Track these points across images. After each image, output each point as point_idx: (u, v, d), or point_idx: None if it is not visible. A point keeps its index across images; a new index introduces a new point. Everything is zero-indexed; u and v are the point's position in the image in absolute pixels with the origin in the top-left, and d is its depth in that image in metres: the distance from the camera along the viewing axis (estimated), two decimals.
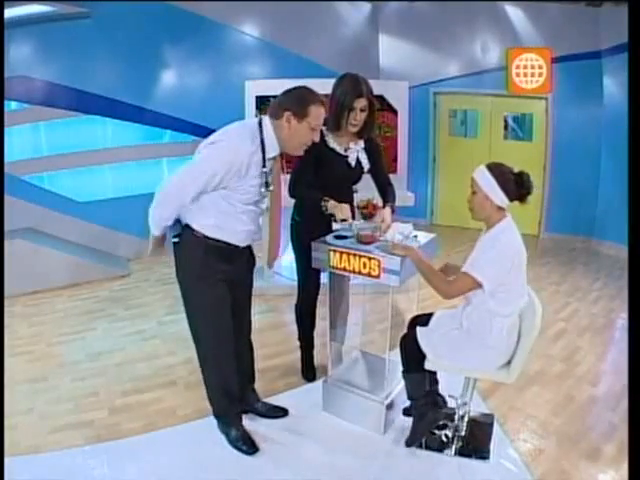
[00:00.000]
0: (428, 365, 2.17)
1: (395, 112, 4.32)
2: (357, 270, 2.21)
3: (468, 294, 2.12)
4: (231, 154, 1.93)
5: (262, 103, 4.06)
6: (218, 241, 2.08)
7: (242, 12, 5.59)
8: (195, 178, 1.95)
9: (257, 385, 2.73)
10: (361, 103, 2.36)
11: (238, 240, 2.14)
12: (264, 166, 2.01)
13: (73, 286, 4.47)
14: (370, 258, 2.15)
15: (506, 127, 6.22)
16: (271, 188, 2.07)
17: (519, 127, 6.21)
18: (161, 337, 3.53)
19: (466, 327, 2.12)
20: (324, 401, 2.63)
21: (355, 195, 2.71)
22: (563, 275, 4.88)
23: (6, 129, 4.25)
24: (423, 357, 2.16)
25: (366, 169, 2.60)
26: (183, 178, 1.99)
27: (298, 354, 3.00)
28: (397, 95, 4.29)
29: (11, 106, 4.40)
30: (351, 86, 2.35)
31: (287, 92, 2.04)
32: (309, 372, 2.94)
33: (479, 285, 1.98)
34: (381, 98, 4.25)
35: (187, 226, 2.08)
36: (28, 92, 4.38)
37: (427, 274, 2.07)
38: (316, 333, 2.92)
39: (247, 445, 2.32)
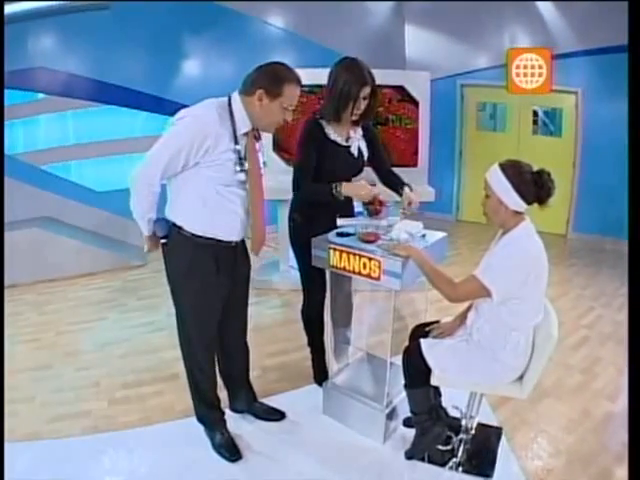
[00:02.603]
0: (434, 381, 1.99)
1: (416, 103, 4.12)
2: (357, 271, 2.06)
3: (478, 305, 1.95)
4: (195, 127, 1.80)
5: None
6: (207, 239, 1.95)
7: (266, 2, 5.48)
8: (159, 157, 1.82)
9: (259, 383, 2.67)
10: (365, 92, 2.20)
11: (228, 233, 1.99)
12: (236, 142, 1.87)
13: (89, 275, 4.49)
14: (370, 259, 2.01)
15: (536, 122, 5.91)
16: (246, 166, 1.91)
17: (547, 122, 5.90)
18: (169, 329, 3.44)
19: (476, 340, 1.94)
20: (324, 404, 2.52)
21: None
22: (589, 278, 4.59)
23: (26, 119, 4.29)
24: (428, 371, 1.98)
25: (366, 158, 2.44)
26: (147, 160, 1.85)
27: (305, 352, 2.88)
28: (418, 86, 4.09)
29: (37, 97, 4.42)
30: (354, 74, 2.17)
31: (261, 67, 1.89)
32: (320, 376, 2.75)
33: (487, 293, 1.79)
34: (402, 89, 4.08)
35: (174, 225, 1.95)
36: (47, 83, 4.39)
37: (430, 275, 1.90)
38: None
39: (230, 452, 2.21)
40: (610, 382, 2.83)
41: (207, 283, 2.00)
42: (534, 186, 1.78)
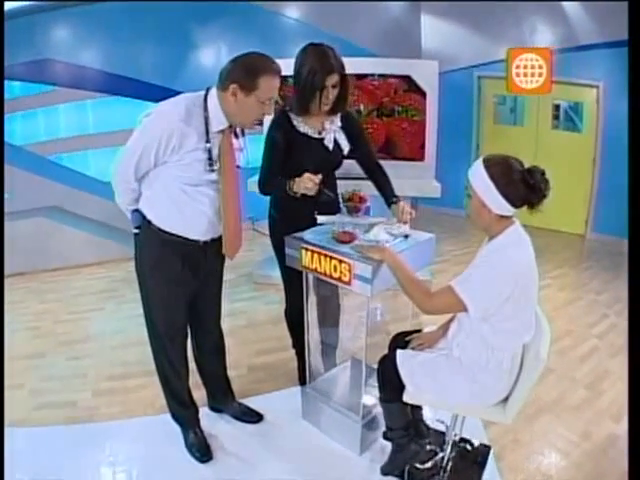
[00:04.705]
0: (406, 397, 1.74)
1: (424, 94, 3.80)
2: (328, 273, 1.85)
3: (460, 317, 1.69)
4: (158, 125, 1.67)
5: (282, 83, 3.71)
6: (174, 236, 1.82)
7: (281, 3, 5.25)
8: (131, 154, 1.72)
9: (243, 382, 2.58)
10: (333, 80, 1.95)
11: (195, 232, 1.85)
12: (207, 141, 1.70)
13: (94, 265, 4.42)
14: (341, 261, 1.78)
15: (556, 117, 5.50)
16: (215, 167, 1.74)
17: (572, 116, 5.47)
18: None
19: (457, 356, 1.68)
20: (303, 409, 2.35)
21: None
22: (605, 283, 4.16)
23: (33, 111, 4.22)
24: (403, 385, 1.74)
25: (345, 151, 2.19)
26: (122, 156, 1.76)
27: (293, 352, 2.70)
28: (426, 75, 3.76)
29: (48, 89, 4.33)
30: (318, 62, 1.93)
31: (236, 59, 1.68)
32: (305, 378, 2.59)
33: (465, 308, 1.53)
34: (408, 78, 3.79)
35: (144, 218, 1.84)
36: (54, 74, 4.29)
37: (403, 282, 1.64)
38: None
39: (201, 452, 2.11)
40: (616, 400, 2.50)
41: (172, 279, 1.89)
42: (524, 187, 1.49)
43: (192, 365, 2.24)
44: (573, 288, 4.00)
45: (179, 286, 1.91)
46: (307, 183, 1.92)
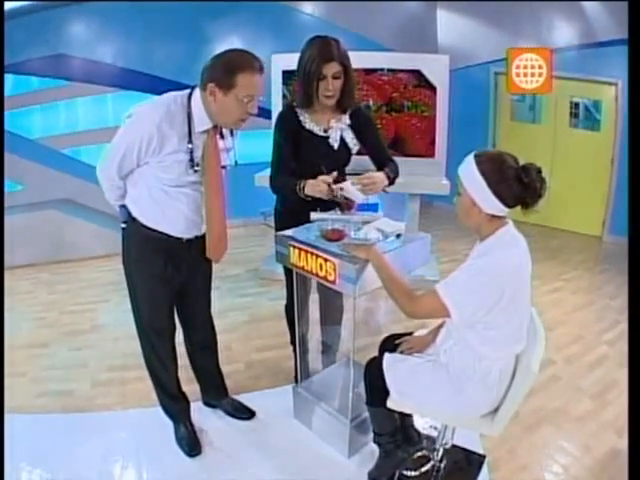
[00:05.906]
0: (390, 403, 1.64)
1: (434, 89, 3.68)
2: (314, 272, 1.76)
3: (448, 322, 1.59)
4: (141, 127, 1.63)
5: (289, 78, 3.64)
6: (156, 232, 1.80)
7: None
8: (114, 154, 1.70)
9: (239, 378, 2.56)
10: (333, 69, 1.87)
11: (175, 230, 1.82)
12: (190, 142, 1.65)
13: (104, 257, 4.39)
14: (326, 260, 1.70)
15: (576, 115, 5.25)
16: (197, 168, 1.70)
17: (593, 114, 5.23)
18: None
19: (444, 362, 1.57)
20: (295, 408, 2.28)
21: None
22: (620, 287, 3.90)
23: (47, 105, 4.26)
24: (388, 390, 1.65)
25: (354, 150, 2.10)
26: (107, 155, 1.75)
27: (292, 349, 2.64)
28: (436, 70, 3.64)
29: (59, 83, 4.35)
30: (318, 50, 1.87)
31: (215, 57, 1.63)
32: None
33: (448, 312, 1.42)
34: (418, 73, 3.67)
35: (130, 214, 1.82)
36: (68, 69, 4.29)
37: (386, 283, 1.53)
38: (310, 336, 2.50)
39: (189, 446, 2.08)
40: (622, 412, 2.32)
41: (155, 274, 1.87)
42: (517, 185, 1.37)
43: (185, 360, 2.21)
44: (586, 292, 3.82)
45: (162, 281, 1.88)
46: (321, 186, 1.85)
